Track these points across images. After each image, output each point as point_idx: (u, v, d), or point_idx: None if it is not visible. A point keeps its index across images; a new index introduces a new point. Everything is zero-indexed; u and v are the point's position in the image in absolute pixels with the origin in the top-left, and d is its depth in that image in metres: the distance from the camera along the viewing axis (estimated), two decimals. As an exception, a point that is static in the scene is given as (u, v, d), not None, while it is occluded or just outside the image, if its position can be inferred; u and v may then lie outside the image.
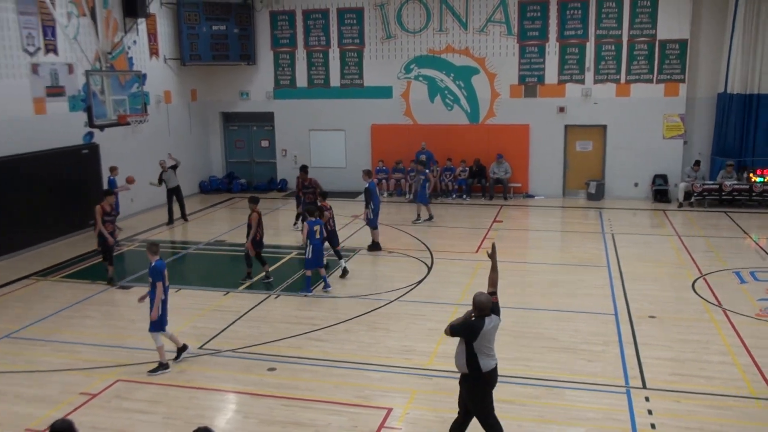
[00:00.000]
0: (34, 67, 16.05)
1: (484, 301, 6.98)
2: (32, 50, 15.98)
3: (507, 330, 10.60)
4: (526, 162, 21.61)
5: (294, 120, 23.22)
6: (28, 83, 15.90)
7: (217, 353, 10.00)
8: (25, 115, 15.88)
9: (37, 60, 16.13)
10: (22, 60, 15.71)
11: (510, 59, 21.29)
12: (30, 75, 15.94)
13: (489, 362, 6.96)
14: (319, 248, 12.68)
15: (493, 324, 7.01)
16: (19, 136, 15.63)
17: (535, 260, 14.74)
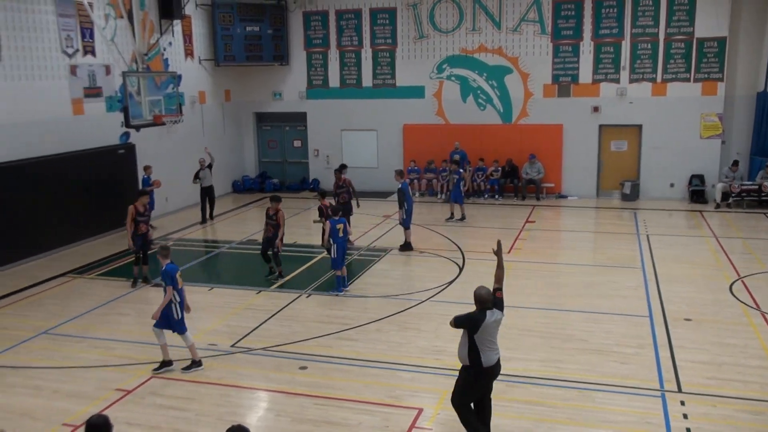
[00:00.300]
0: (73, 68, 16.38)
1: (483, 294, 7.10)
2: (71, 52, 16.32)
3: (538, 331, 10.55)
4: (559, 162, 21.42)
5: (326, 120, 23.33)
6: (66, 84, 16.24)
7: (249, 351, 10.10)
8: (63, 115, 16.22)
9: (76, 61, 16.46)
10: (61, 62, 16.04)
11: (543, 58, 21.12)
12: (68, 76, 16.28)
13: (491, 356, 7.08)
14: (343, 247, 12.68)
15: (495, 318, 7.09)
16: (58, 137, 15.97)
17: (567, 261, 14.61)
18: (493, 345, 7.12)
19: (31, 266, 14.78)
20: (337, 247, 12.60)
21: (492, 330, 7.09)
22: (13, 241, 14.63)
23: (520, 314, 11.32)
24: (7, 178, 14.46)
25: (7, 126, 14.72)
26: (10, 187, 14.49)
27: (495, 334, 7.15)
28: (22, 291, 13.13)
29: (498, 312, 7.15)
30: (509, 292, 12.32)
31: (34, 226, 15.12)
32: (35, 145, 15.35)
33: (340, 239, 12.65)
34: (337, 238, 12.61)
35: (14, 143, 14.85)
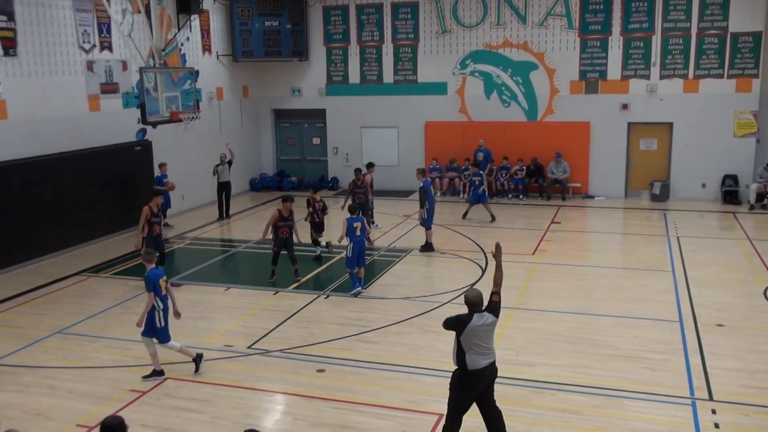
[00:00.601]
0: (89, 64, 16.54)
1: (471, 296, 7.12)
2: (87, 47, 16.48)
3: (565, 336, 10.47)
4: (586, 161, 21.26)
5: (346, 117, 23.36)
6: (83, 80, 16.40)
7: (266, 353, 10.12)
8: (79, 112, 16.38)
9: (92, 57, 16.62)
10: (77, 57, 16.21)
11: (570, 54, 20.98)
12: (85, 72, 16.44)
13: (477, 360, 7.03)
14: (359, 246, 12.69)
15: (484, 321, 7.04)
16: (74, 133, 16.13)
17: (594, 264, 14.49)
18: (482, 349, 7.04)
19: (46, 264, 14.95)
20: (353, 246, 12.61)
21: (480, 333, 7.02)
22: (29, 239, 14.79)
23: (546, 318, 11.25)
24: (23, 175, 14.63)
25: (22, 122, 14.89)
26: (25, 185, 14.65)
27: (486, 338, 7.07)
28: (38, 289, 13.28)
29: (489, 316, 7.09)
30: (534, 294, 12.36)
31: (50, 224, 15.28)
32: (51, 142, 15.52)
33: (357, 238, 12.66)
34: (354, 237, 12.63)
35: (30, 140, 15.02)
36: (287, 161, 24.73)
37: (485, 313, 7.11)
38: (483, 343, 7.06)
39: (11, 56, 14.54)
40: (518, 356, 9.78)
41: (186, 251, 16.30)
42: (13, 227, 14.43)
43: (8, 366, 9.83)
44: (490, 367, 7.13)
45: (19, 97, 14.74)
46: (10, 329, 11.26)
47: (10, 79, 14.55)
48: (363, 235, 12.81)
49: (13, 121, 14.66)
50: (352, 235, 12.63)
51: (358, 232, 12.68)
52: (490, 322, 7.10)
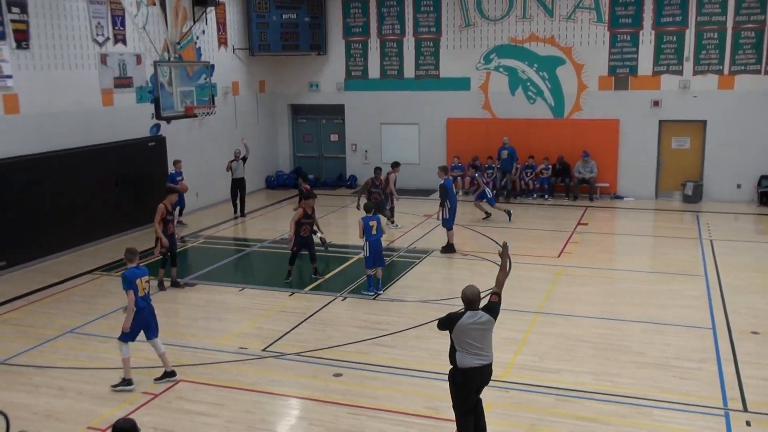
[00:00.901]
0: (103, 57, 16.69)
1: (468, 293, 7.12)
2: (101, 40, 16.63)
3: (591, 342, 10.42)
4: (614, 160, 21.12)
5: (365, 113, 23.38)
6: (96, 74, 16.56)
7: (281, 356, 10.16)
8: (93, 106, 16.54)
9: (106, 50, 16.77)
10: (90, 50, 16.36)
11: (599, 48, 20.84)
12: (98, 65, 16.60)
13: (467, 359, 7.04)
14: (376, 245, 12.70)
15: (477, 320, 7.03)
16: (86, 128, 16.29)
17: (623, 267, 14.40)
18: (474, 349, 7.04)
19: (57, 262, 15.12)
20: (369, 246, 12.65)
21: (471, 332, 7.02)
22: (41, 236, 14.96)
23: (572, 323, 11.19)
24: (34, 171, 14.80)
25: (34, 117, 15.06)
26: (37, 181, 14.82)
27: (479, 338, 7.06)
28: (49, 288, 13.44)
29: (484, 315, 7.07)
30: (559, 298, 12.30)
31: (62, 221, 15.44)
32: (63, 137, 15.68)
33: (374, 237, 12.69)
34: (371, 236, 12.66)
35: (42, 135, 15.19)
36: (304, 158, 24.80)
37: (480, 312, 7.10)
38: (476, 343, 7.06)
39: (24, 49, 14.71)
40: (542, 362, 9.73)
41: (200, 250, 16.40)
42: (24, 224, 14.61)
43: (19, 366, 9.95)
44: (482, 369, 7.13)
45: (32, 91, 14.92)
46: (20, 328, 11.40)
47: (22, 73, 14.72)
48: (379, 235, 12.81)
49: (25, 116, 14.84)
50: (368, 235, 12.67)
51: (374, 231, 12.70)
52: (484, 321, 7.07)
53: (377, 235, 12.75)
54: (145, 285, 9.23)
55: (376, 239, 12.73)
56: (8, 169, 14.27)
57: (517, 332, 10.80)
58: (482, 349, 7.10)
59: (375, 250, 12.69)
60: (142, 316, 9.19)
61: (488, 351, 7.18)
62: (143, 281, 9.21)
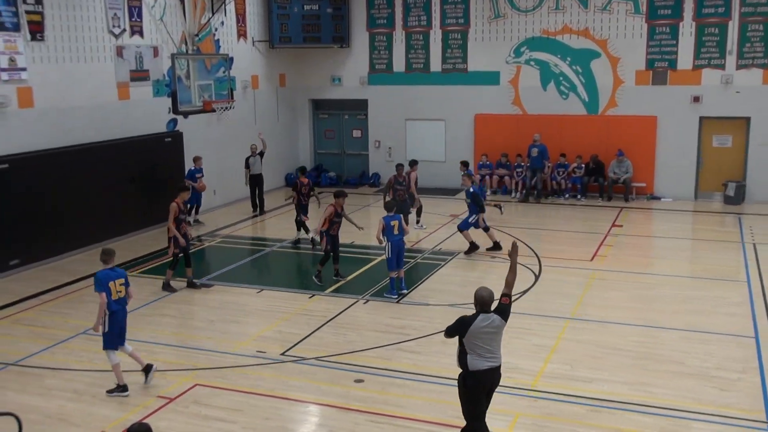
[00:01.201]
0: (119, 49, 16.87)
1: (483, 295, 7.21)
2: (117, 32, 16.80)
3: (626, 350, 10.34)
4: (651, 159, 20.95)
5: (389, 108, 23.39)
6: (112, 67, 16.73)
7: (300, 361, 10.20)
8: (108, 100, 16.72)
9: (122, 42, 16.94)
10: (107, 42, 16.54)
11: (636, 41, 20.67)
12: (114, 58, 16.77)
13: (479, 362, 7.14)
14: (398, 245, 12.74)
15: (490, 323, 7.14)
16: (101, 123, 16.47)
17: (660, 272, 14.27)
18: (484, 351, 7.16)
19: (71, 260, 15.30)
20: (391, 246, 12.68)
21: (482, 335, 7.13)
22: (54, 234, 15.14)
23: (606, 330, 11.12)
24: (48, 166, 14.98)
25: (49, 111, 15.26)
26: (50, 177, 15.00)
27: (489, 340, 7.17)
28: (63, 287, 13.60)
29: (496, 318, 7.19)
30: (592, 304, 12.23)
31: (76, 218, 15.61)
32: (78, 132, 15.87)
33: (395, 237, 12.71)
34: (392, 236, 12.69)
35: (55, 129, 15.39)
36: (325, 155, 24.86)
37: (493, 314, 7.21)
38: (486, 346, 7.16)
39: (38, 41, 14.91)
40: (574, 371, 9.68)
41: (217, 250, 16.51)
42: (37, 221, 14.80)
43: (32, 367, 10.09)
44: (492, 372, 7.24)
45: (46, 84, 15.11)
46: (33, 329, 11.56)
47: (36, 65, 14.92)
48: (401, 235, 12.84)
49: (40, 109, 15.03)
50: (389, 235, 12.69)
51: (396, 230, 12.72)
52: (497, 324, 7.19)
53: (399, 234, 12.78)
54: (120, 288, 9.23)
55: (399, 239, 12.76)
56: (22, 164, 14.45)
57: (548, 339, 10.75)
58: (491, 352, 7.22)
59: (397, 251, 12.73)
60: (117, 320, 9.21)
61: (497, 353, 7.30)
62: (117, 284, 9.21)
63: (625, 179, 20.72)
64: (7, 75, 14.29)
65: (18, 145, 14.59)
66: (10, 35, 14.32)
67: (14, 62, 14.44)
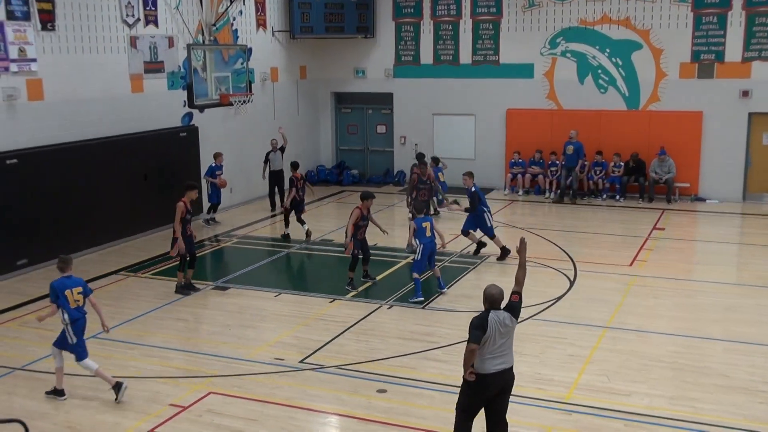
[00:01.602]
0: (133, 40, 17.02)
1: (493, 292, 7.30)
2: (131, 21, 16.96)
3: (667, 361, 10.26)
4: (696, 157, 20.74)
5: (416, 102, 23.39)
6: (125, 58, 16.89)
7: (320, 369, 10.22)
8: (121, 93, 16.88)
9: (136, 32, 17.10)
10: (120, 32, 16.70)
11: (681, 32, 20.49)
12: (128, 49, 16.93)
13: (488, 364, 7.20)
14: (429, 247, 12.89)
15: (501, 321, 7.21)
16: (114, 117, 16.63)
17: (704, 278, 14.13)
18: (497, 352, 7.22)
19: (82, 261, 15.42)
20: (422, 248, 12.82)
21: (496, 335, 7.18)
22: (64, 233, 15.28)
23: (646, 340, 11.03)
24: (58, 162, 15.15)
25: (59, 103, 15.44)
26: (60, 172, 15.16)
27: (500, 340, 7.22)
28: (72, 289, 13.73)
29: (507, 316, 7.26)
30: (631, 312, 12.14)
31: (87, 217, 15.78)
32: (89, 126, 16.04)
33: (427, 239, 12.89)
34: (424, 238, 12.87)
35: (66, 123, 15.56)
36: (348, 152, 24.92)
37: (503, 312, 7.28)
38: (496, 346, 7.20)
39: (49, 31, 15.09)
40: (611, 383, 9.61)
41: (233, 251, 16.61)
42: (46, 219, 14.97)
43: (39, 372, 10.21)
44: (503, 373, 7.27)
45: (57, 76, 15.28)
46: (41, 332, 11.66)
47: (47, 56, 15.10)
48: (433, 236, 12.99)
49: (50, 102, 15.21)
50: (421, 237, 12.85)
51: (428, 232, 12.91)
52: (507, 323, 7.25)
53: (431, 236, 12.93)
54: (78, 297, 9.33)
55: (430, 241, 12.91)
56: (31, 159, 14.64)
57: (583, 348, 10.68)
58: (501, 351, 7.26)
59: (428, 253, 12.88)
60: (79, 328, 9.34)
61: (508, 353, 7.33)
62: (75, 292, 9.31)
63: (668, 179, 20.54)
64: (17, 66, 14.47)
65: (27, 140, 14.77)
66: (19, 25, 14.50)
67: (24, 53, 14.62)
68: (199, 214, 18.84)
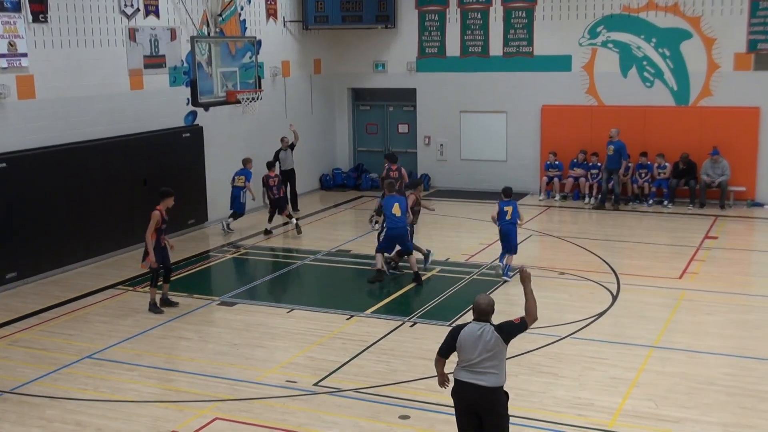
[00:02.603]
0: (132, 32, 17.17)
1: (480, 303, 7.41)
2: (130, 12, 17.11)
3: (721, 385, 10.18)
4: (753, 158, 20.61)
5: (441, 99, 23.41)
6: (124, 52, 17.03)
7: (336, 392, 10.23)
8: (119, 90, 17.01)
9: (135, 24, 17.24)
10: (118, 24, 16.85)
11: (735, 19, 20.38)
12: (126, 42, 17.07)
13: (462, 373, 7.36)
14: (506, 231, 14.64)
15: (478, 335, 7.26)
16: (111, 116, 16.74)
17: (761, 293, 14.03)
18: (470, 365, 7.28)
19: (76, 273, 15.58)
20: (500, 231, 14.72)
21: (468, 345, 7.29)
22: (56, 244, 15.39)
23: (697, 361, 10.95)
24: (51, 166, 15.24)
25: (51, 102, 15.56)
26: (53, 177, 15.24)
27: (473, 350, 7.26)
28: (66, 304, 13.84)
29: (489, 330, 7.27)
30: (680, 330, 12.09)
31: (81, 226, 15.86)
32: (84, 127, 16.16)
33: (506, 222, 14.60)
34: (503, 220, 14.61)
35: (59, 124, 15.68)
36: (367, 153, 24.95)
37: (488, 326, 7.31)
38: (471, 358, 7.27)
39: (41, 23, 15.24)
40: (659, 408, 9.55)
41: (240, 262, 16.68)
42: (38, 228, 15.06)
43: (30, 395, 10.28)
44: (473, 388, 7.28)
45: (49, 71, 15.42)
46: (33, 351, 11.79)
47: (39, 51, 15.25)
48: (514, 220, 14.71)
49: (42, 101, 15.34)
50: (501, 219, 14.64)
51: (509, 216, 14.62)
52: (488, 338, 7.24)
53: (511, 220, 14.64)
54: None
55: (510, 224, 14.61)
56: (21, 163, 14.73)
57: (628, 370, 10.62)
58: (482, 370, 7.28)
59: (506, 236, 14.61)
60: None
61: (490, 372, 7.29)
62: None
63: (721, 182, 20.40)
64: (6, 62, 14.61)
65: (17, 142, 14.89)
66: (9, 16, 14.64)
67: (14, 47, 14.77)
68: (203, 222, 18.98)
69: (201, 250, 17.30)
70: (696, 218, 19.62)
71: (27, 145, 15.03)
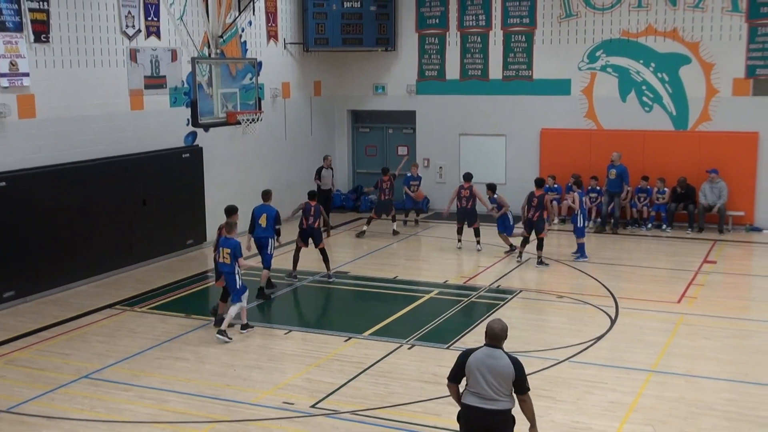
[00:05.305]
0: (133, 53, 17.26)
1: (495, 327, 7.43)
2: (131, 33, 17.20)
3: (720, 410, 10.18)
4: (752, 183, 20.64)
5: (441, 121, 23.48)
6: (124, 72, 17.11)
7: (333, 415, 10.20)
8: (120, 110, 17.07)
9: (136, 45, 17.33)
10: (119, 44, 16.94)
11: (735, 44, 20.47)
12: (128, 62, 17.15)
13: (469, 397, 7.39)
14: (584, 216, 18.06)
15: (489, 362, 7.31)
16: (111, 136, 16.77)
17: (760, 317, 14.01)
18: (477, 388, 7.33)
19: (75, 293, 15.56)
20: (582, 218, 17.33)
21: (474, 371, 7.34)
22: (55, 263, 15.37)
23: (696, 385, 10.94)
24: (50, 185, 15.26)
25: (52, 121, 15.60)
26: (53, 197, 15.25)
27: (480, 377, 7.30)
28: (63, 324, 13.82)
29: (505, 362, 7.31)
30: (679, 354, 12.11)
31: (80, 245, 15.85)
32: (84, 146, 16.19)
33: (584, 209, 17.63)
34: (583, 210, 17.59)
35: (60, 143, 15.71)
36: (366, 175, 24.97)
37: (500, 352, 7.36)
38: (478, 382, 7.31)
39: (43, 43, 15.32)
40: (657, 434, 9.54)
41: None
42: (36, 247, 15.05)
43: (26, 415, 10.25)
44: (482, 411, 7.32)
45: (51, 91, 15.47)
46: (30, 371, 11.76)
47: (40, 70, 15.32)
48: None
49: (42, 120, 15.38)
50: (582, 209, 17.51)
51: (587, 204, 18.67)
52: (502, 367, 7.29)
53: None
54: None
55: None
56: (21, 182, 14.75)
57: (626, 394, 10.60)
58: (485, 392, 7.31)
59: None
60: None
61: (499, 398, 7.33)
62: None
63: (720, 207, 20.41)
64: (7, 81, 14.67)
65: (17, 161, 14.92)
66: (11, 36, 14.72)
67: (15, 66, 14.84)
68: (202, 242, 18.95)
69: (199, 270, 17.27)
70: (695, 242, 19.64)
71: (27, 164, 15.05)
